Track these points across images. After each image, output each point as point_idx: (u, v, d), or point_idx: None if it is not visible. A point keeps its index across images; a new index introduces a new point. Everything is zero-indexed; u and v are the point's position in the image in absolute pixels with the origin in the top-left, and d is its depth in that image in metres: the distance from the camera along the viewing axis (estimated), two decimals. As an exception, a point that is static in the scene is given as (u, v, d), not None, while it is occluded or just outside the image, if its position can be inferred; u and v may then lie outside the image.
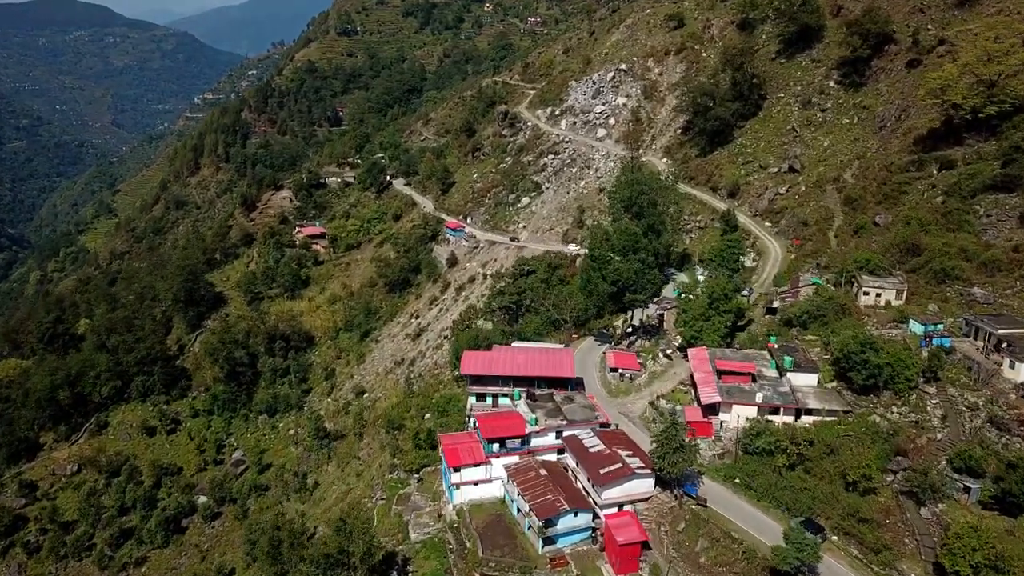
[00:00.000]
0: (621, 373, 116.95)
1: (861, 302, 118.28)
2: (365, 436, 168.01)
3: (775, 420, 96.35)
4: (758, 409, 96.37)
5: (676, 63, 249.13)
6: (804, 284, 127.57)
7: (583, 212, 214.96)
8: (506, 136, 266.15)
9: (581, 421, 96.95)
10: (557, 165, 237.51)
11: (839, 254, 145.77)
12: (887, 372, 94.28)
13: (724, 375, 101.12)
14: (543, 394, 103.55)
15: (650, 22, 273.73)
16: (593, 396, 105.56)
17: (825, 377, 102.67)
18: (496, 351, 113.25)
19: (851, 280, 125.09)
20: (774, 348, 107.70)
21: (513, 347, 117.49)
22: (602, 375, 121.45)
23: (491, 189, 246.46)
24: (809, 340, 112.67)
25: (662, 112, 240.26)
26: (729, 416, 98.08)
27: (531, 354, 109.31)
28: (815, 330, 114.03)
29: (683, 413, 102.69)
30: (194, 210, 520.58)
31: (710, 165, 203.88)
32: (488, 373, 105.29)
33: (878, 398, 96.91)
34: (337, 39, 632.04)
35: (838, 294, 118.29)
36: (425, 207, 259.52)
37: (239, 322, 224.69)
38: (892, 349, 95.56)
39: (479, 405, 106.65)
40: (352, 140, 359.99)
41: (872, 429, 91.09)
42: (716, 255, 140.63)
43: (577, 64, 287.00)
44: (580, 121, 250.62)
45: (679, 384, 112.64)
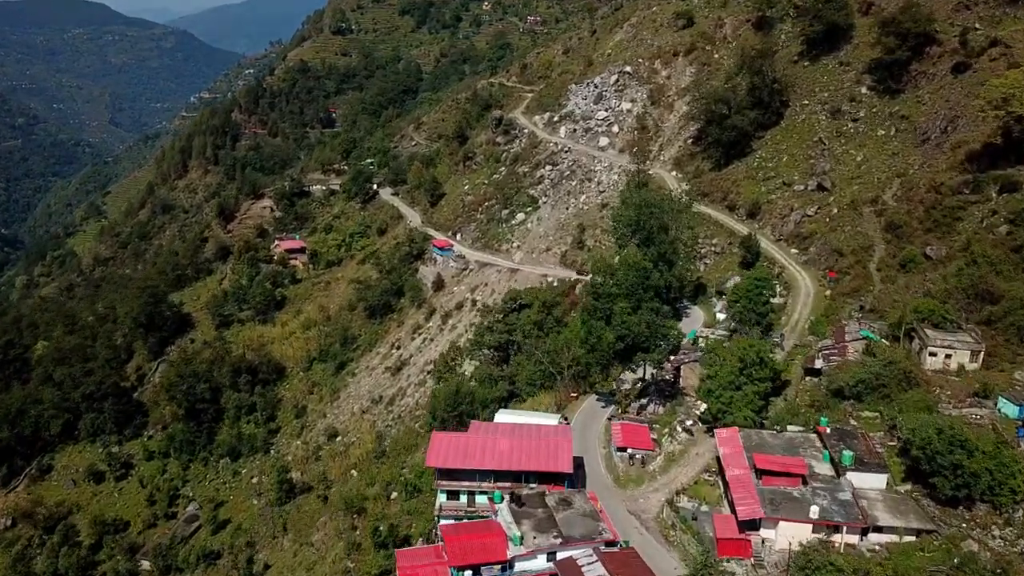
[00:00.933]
0: (631, 454, 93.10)
1: (927, 364, 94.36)
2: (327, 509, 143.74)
3: (835, 539, 72.60)
4: (813, 527, 72.55)
5: (685, 65, 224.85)
6: (852, 337, 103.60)
7: (583, 231, 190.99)
8: (500, 144, 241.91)
9: (580, 539, 72.91)
10: (555, 177, 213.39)
11: (886, 295, 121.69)
12: (985, 481, 70.65)
13: (765, 475, 77.33)
14: (532, 494, 79.61)
15: (656, 20, 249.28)
16: (596, 496, 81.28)
17: (895, 475, 78.99)
18: (474, 432, 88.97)
19: (910, 334, 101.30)
20: (826, 432, 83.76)
21: (496, 425, 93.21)
22: (607, 452, 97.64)
23: (483, 203, 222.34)
24: (867, 418, 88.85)
25: (671, 119, 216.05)
26: (774, 533, 74.31)
27: (518, 438, 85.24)
28: (873, 403, 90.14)
29: (711, 518, 79.09)
30: (181, 214, 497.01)
31: (726, 180, 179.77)
32: (463, 467, 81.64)
33: (970, 511, 73.19)
34: (331, 38, 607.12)
35: (898, 354, 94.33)
36: (412, 221, 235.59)
37: (203, 351, 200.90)
38: (987, 445, 71.74)
39: (451, 505, 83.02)
40: (339, 145, 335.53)
41: (969, 561, 67.07)
42: (741, 295, 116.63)
43: (577, 66, 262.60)
44: (580, 128, 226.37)
45: (704, 472, 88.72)
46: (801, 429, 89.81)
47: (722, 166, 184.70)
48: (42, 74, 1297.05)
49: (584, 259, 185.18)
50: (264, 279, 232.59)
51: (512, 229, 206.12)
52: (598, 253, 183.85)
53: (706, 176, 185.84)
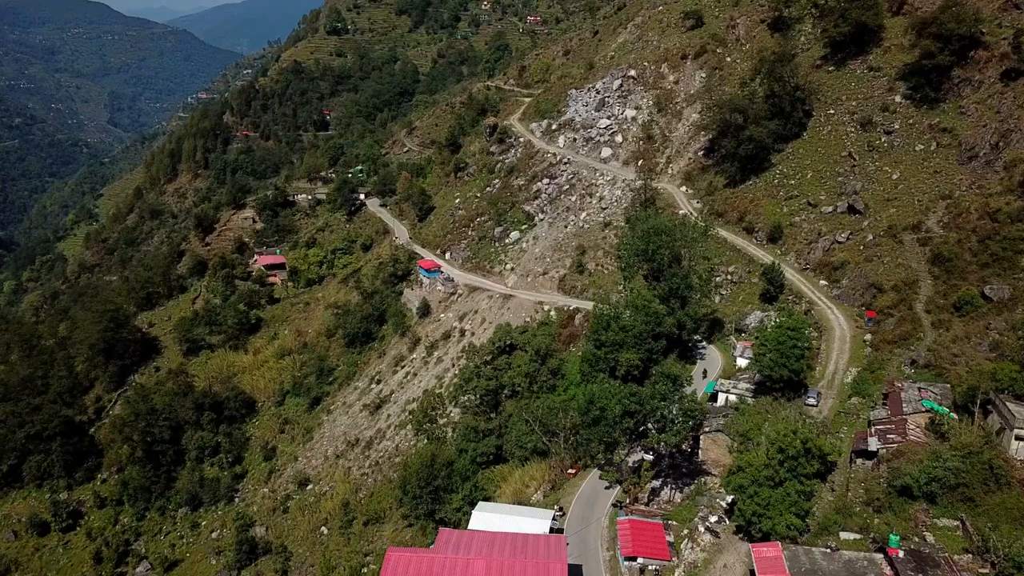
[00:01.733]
0: (642, 567, 73.40)
1: (1013, 452, 74.49)
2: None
3: None
4: None
5: (695, 69, 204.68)
6: (911, 407, 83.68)
7: (584, 253, 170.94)
8: (494, 154, 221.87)
9: None
10: (553, 192, 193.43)
11: (943, 346, 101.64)
12: None
13: (825, 626, 57.91)
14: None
15: (663, 21, 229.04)
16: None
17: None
18: (442, 547, 68.58)
19: (985, 406, 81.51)
20: (898, 557, 64.04)
21: (471, 536, 72.97)
22: (611, 557, 77.85)
23: (475, 218, 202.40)
24: (945, 529, 69.13)
25: (679, 128, 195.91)
26: None
27: (497, 556, 65.36)
28: (951, 507, 70.47)
29: None
30: (170, 219, 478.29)
31: (743, 199, 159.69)
32: (425, 604, 62.22)
33: None
34: (326, 38, 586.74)
35: (975, 438, 74.50)
36: (398, 237, 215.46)
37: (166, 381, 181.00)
38: None
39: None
40: (326, 151, 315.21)
41: None
42: (771, 346, 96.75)
43: (578, 69, 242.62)
44: (581, 138, 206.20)
45: (736, 595, 69.09)
46: (858, 537, 70.04)
47: (738, 182, 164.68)
48: (40, 74, 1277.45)
49: (584, 284, 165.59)
50: (239, 299, 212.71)
51: (505, 249, 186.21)
52: (600, 279, 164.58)
53: (720, 193, 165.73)
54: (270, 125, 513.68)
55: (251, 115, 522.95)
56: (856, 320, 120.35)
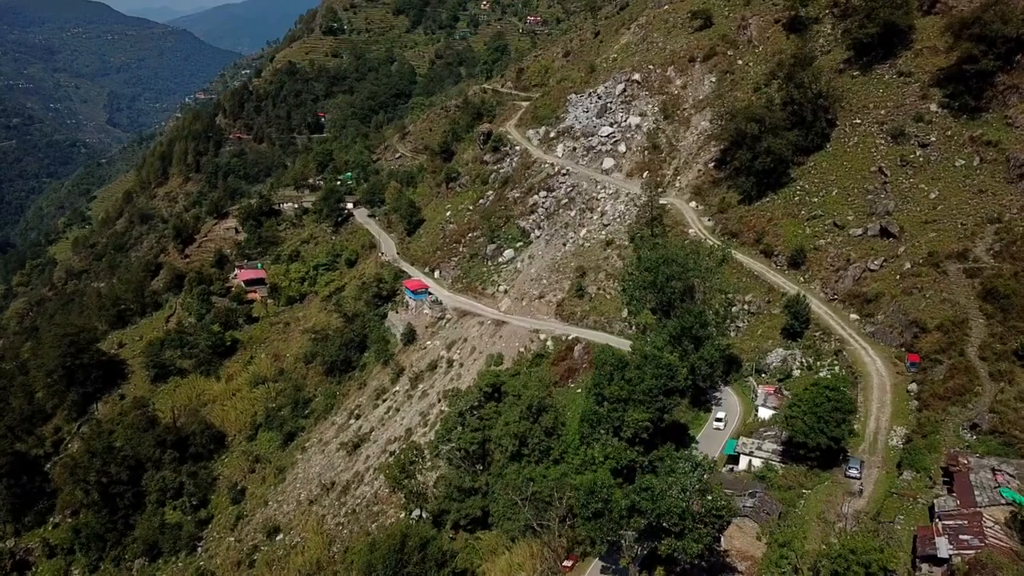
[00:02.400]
0: None
1: None
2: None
3: None
4: None
5: (704, 73, 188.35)
6: (986, 498, 67.47)
7: (584, 275, 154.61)
8: (488, 163, 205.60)
9: None
10: (551, 206, 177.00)
11: (1008, 407, 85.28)
12: None
13: None
14: None
15: (669, 21, 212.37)
16: None
17: None
18: None
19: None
20: None
21: None
22: None
23: (466, 234, 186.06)
24: None
25: (687, 137, 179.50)
26: None
27: None
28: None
29: None
30: (160, 224, 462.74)
31: (760, 217, 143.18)
32: None
33: None
34: (322, 38, 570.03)
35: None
36: (385, 253, 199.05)
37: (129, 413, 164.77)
38: None
39: None
40: (313, 158, 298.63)
41: None
42: (804, 409, 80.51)
43: (578, 72, 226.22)
44: (581, 147, 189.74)
45: None
46: None
47: (754, 198, 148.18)
48: (39, 73, 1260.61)
49: (584, 311, 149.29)
50: (214, 319, 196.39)
51: (499, 268, 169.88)
52: (601, 305, 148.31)
53: (734, 211, 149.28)
54: (263, 127, 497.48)
55: (244, 117, 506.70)
56: (896, 363, 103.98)
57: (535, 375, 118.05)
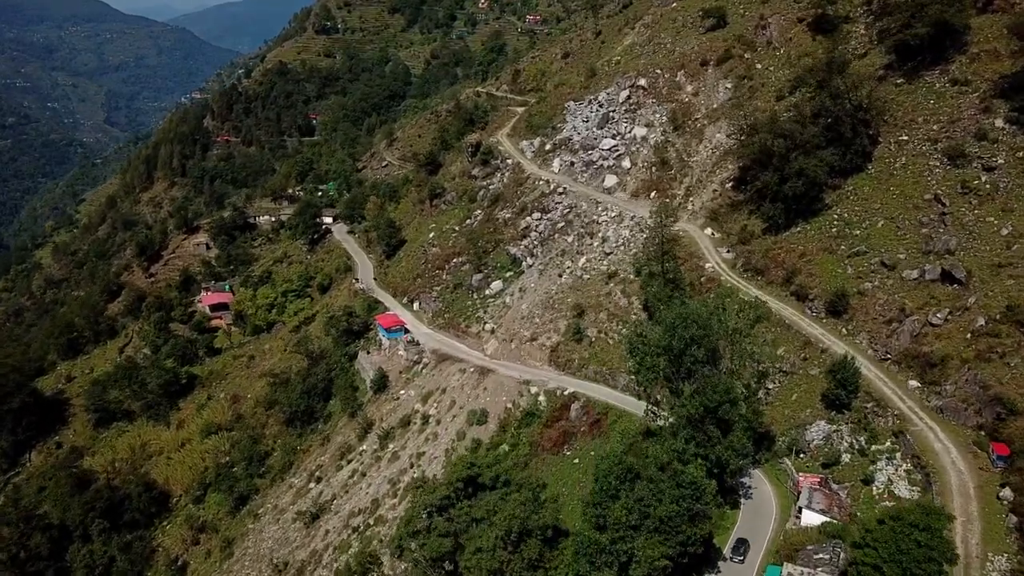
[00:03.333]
0: None
1: None
2: None
3: None
4: None
5: (718, 78, 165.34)
6: None
7: (582, 314, 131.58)
8: (476, 178, 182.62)
9: None
10: (545, 229, 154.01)
11: None
12: None
13: None
14: None
15: (677, 20, 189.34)
16: None
17: None
18: None
19: None
20: None
21: None
22: None
23: (451, 258, 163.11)
24: None
25: (701, 152, 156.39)
26: None
27: None
28: None
29: None
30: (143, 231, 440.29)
31: (789, 252, 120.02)
32: None
33: None
34: (315, 37, 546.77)
35: None
36: (360, 279, 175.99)
37: (66, 462, 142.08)
38: None
39: None
40: (293, 167, 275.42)
41: None
42: (884, 553, 57.76)
43: (577, 76, 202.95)
44: (580, 161, 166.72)
45: None
46: None
47: (781, 227, 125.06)
48: (37, 72, 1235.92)
49: (583, 358, 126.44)
50: (171, 351, 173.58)
51: (485, 302, 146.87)
52: (603, 352, 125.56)
53: (758, 243, 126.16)
54: (252, 130, 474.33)
55: (233, 119, 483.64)
56: (977, 454, 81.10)
57: (521, 452, 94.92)
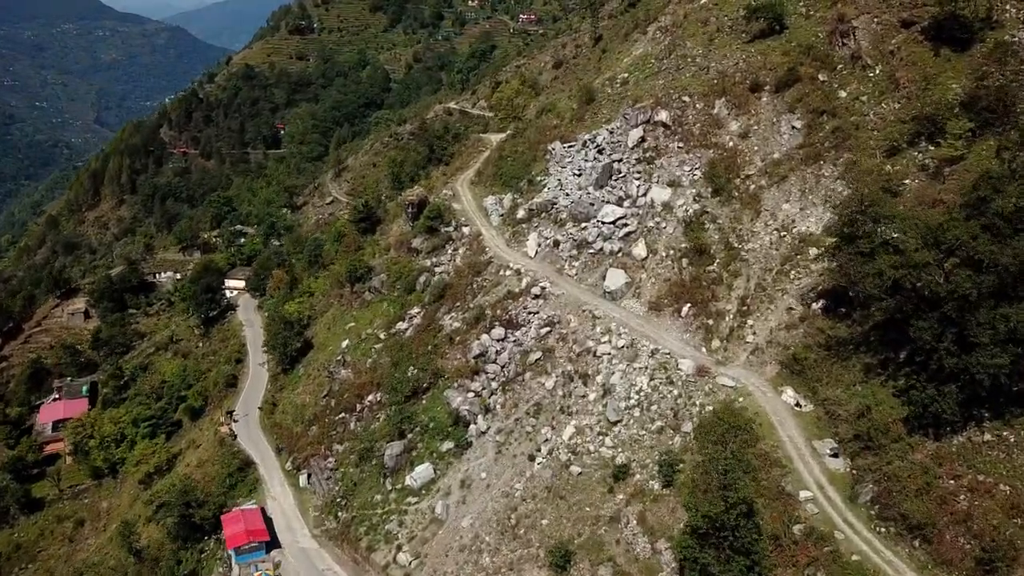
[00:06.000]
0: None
1: None
2: None
3: None
4: None
5: (780, 111, 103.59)
6: None
7: (567, 562, 69.97)
8: (419, 252, 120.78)
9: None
10: (511, 360, 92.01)
11: None
12: None
13: None
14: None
15: (710, 22, 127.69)
16: None
17: None
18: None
19: None
20: None
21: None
22: None
23: (365, 393, 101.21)
24: None
25: (760, 232, 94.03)
26: None
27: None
28: None
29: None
30: (87, 255, 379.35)
31: (980, 490, 58.40)
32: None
33: None
34: (288, 38, 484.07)
35: None
36: (238, 411, 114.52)
37: None
38: None
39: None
40: (209, 208, 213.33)
41: None
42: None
43: (568, 99, 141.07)
44: (569, 240, 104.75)
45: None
46: None
47: (950, 425, 63.33)
48: (26, 70, 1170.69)
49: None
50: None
51: (403, 502, 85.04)
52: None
53: (897, 449, 63.89)
54: (212, 141, 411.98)
55: (191, 129, 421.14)
56: None
57: None
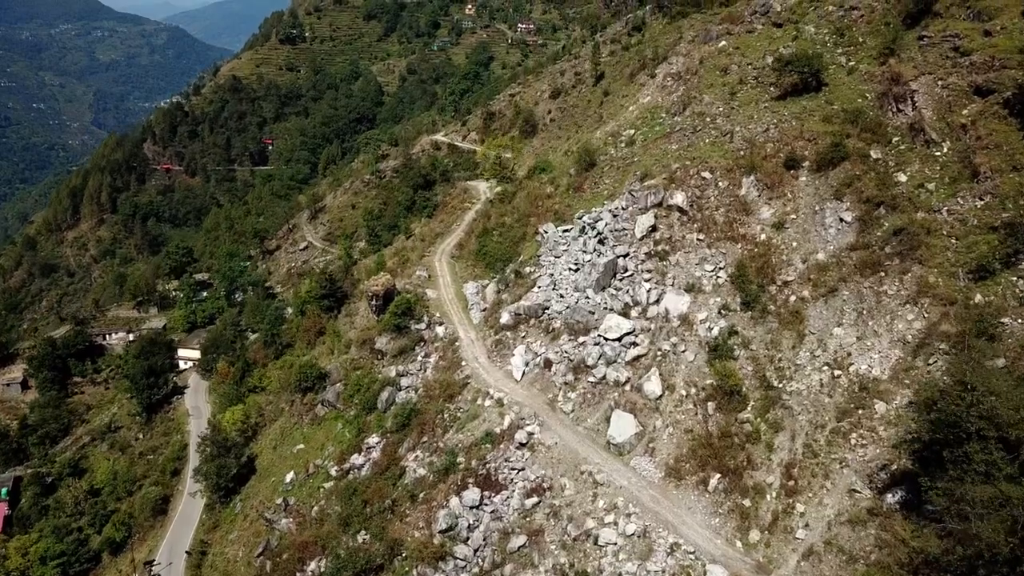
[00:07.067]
0: None
1: None
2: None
3: None
4: None
5: (823, 197, 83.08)
6: None
7: None
8: (383, 355, 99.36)
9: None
10: (487, 539, 70.78)
11: None
12: None
13: None
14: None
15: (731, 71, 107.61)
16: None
17: None
18: None
19: None
20: None
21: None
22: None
23: (307, 556, 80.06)
24: None
25: (808, 369, 72.50)
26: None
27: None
28: None
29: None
30: (64, 279, 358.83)
31: None
32: None
33: None
34: (278, 47, 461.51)
35: None
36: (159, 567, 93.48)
37: None
38: None
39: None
40: (167, 259, 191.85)
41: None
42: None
43: (565, 156, 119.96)
44: (564, 360, 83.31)
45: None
46: None
47: None
48: (23, 71, 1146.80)
49: None
50: None
51: None
52: None
53: None
54: (198, 157, 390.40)
55: (176, 144, 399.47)
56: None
57: None
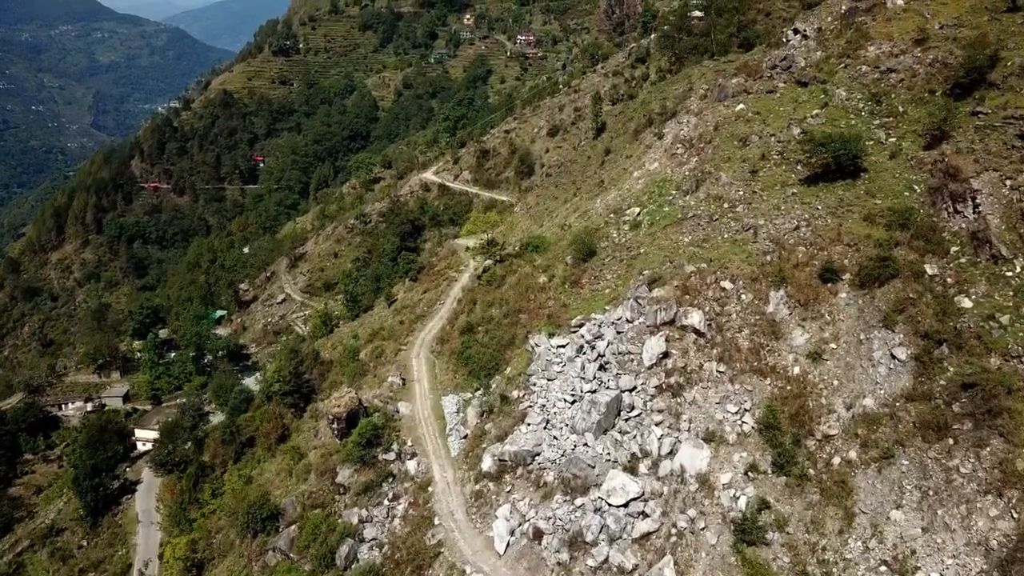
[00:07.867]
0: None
1: None
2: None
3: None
4: None
5: (870, 324, 67.95)
6: None
7: None
8: (345, 491, 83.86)
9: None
10: None
11: None
12: None
13: None
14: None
15: (751, 144, 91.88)
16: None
17: None
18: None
19: None
20: None
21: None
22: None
23: None
24: None
25: (861, 568, 57.11)
26: None
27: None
28: None
29: None
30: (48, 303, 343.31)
31: None
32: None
33: None
34: (271, 60, 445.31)
35: None
36: None
37: None
38: None
39: None
40: (131, 319, 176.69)
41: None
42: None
43: (560, 238, 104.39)
44: (557, 530, 67.69)
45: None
46: None
47: None
48: (23, 73, 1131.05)
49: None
50: None
51: None
52: None
53: None
54: (187, 175, 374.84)
55: (164, 161, 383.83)
56: None
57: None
